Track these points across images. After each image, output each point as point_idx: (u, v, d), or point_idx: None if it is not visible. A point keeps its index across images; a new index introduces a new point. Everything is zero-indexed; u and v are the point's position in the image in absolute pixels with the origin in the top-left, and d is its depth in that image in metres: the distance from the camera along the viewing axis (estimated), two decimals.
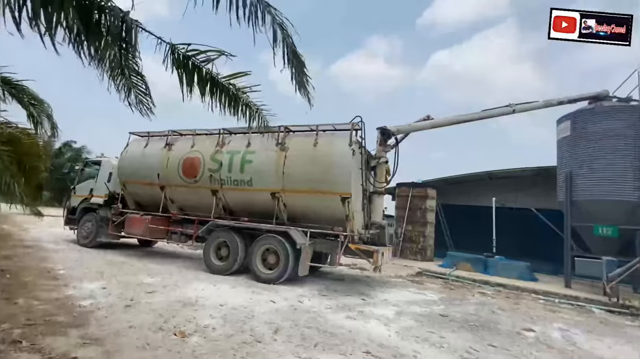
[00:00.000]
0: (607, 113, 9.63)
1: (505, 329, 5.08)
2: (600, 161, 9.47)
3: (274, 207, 7.37)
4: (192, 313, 4.50)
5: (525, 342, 4.54)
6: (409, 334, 4.40)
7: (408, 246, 13.82)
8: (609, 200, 9.25)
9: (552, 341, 4.72)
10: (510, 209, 13.51)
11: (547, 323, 5.74)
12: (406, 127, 8.00)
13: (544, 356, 4.08)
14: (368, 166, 7.84)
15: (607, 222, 9.41)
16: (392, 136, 7.74)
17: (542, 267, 11.84)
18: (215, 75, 4.39)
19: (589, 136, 9.75)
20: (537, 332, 5.06)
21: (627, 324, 6.37)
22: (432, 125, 8.43)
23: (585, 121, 9.94)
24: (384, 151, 7.92)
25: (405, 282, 8.58)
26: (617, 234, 9.31)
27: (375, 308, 5.60)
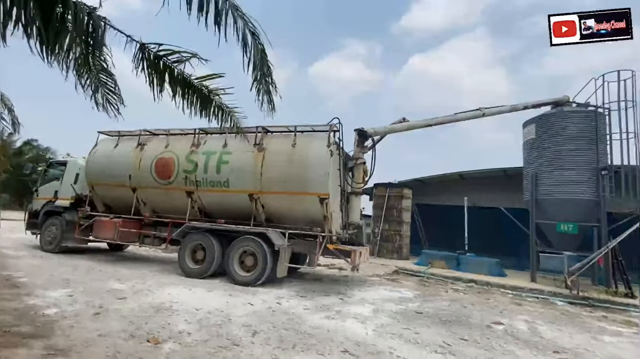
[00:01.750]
0: (567, 117, 10.28)
1: (475, 323, 5.31)
2: (561, 162, 10.09)
3: (251, 208, 7.29)
4: (166, 318, 4.37)
5: (494, 334, 4.77)
6: (385, 331, 4.50)
7: (385, 245, 14.09)
8: (570, 199, 9.88)
9: (518, 332, 4.98)
10: (481, 209, 14.09)
11: (514, 315, 6.05)
12: (383, 129, 8.17)
13: (511, 347, 4.29)
14: (346, 167, 7.92)
15: (568, 220, 10.04)
16: (369, 137, 7.87)
17: (510, 263, 12.45)
18: (188, 77, 4.32)
19: (552, 139, 10.37)
20: (505, 325, 5.32)
21: (586, 315, 6.82)
22: (408, 127, 8.65)
23: (548, 125, 10.56)
24: (362, 152, 8.04)
25: (382, 281, 8.74)
26: (577, 231, 9.95)
27: (353, 307, 5.68)
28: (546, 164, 10.38)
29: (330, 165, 6.77)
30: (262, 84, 4.47)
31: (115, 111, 4.27)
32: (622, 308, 7.59)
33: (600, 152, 9.89)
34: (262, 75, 4.48)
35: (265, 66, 4.50)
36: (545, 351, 4.26)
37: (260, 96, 4.59)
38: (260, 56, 4.35)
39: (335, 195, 6.95)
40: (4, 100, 5.95)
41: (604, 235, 9.45)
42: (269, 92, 4.63)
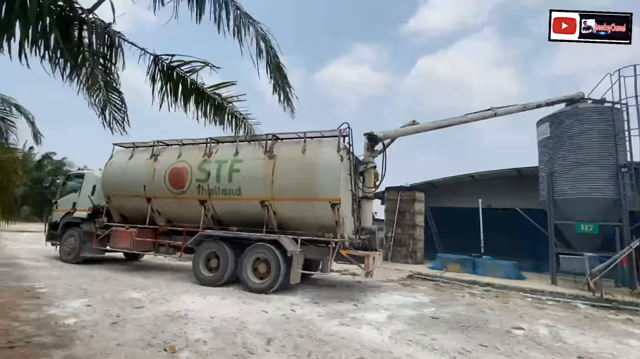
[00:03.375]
0: (583, 114, 10.02)
1: (495, 328, 5.17)
2: (578, 160, 9.82)
3: (263, 215, 7.33)
4: (182, 327, 4.40)
5: (514, 340, 4.63)
6: (402, 337, 4.42)
7: (398, 249, 13.93)
8: (588, 198, 9.59)
9: (540, 337, 4.82)
10: (496, 210, 13.82)
11: (534, 320, 5.87)
12: (392, 133, 8.13)
13: (532, 353, 4.16)
14: (356, 172, 7.90)
15: (587, 220, 9.73)
16: (379, 141, 7.84)
17: (528, 266, 12.15)
18: (201, 86, 4.40)
19: (567, 137, 10.12)
20: (526, 329, 5.16)
21: (611, 318, 6.56)
22: (417, 130, 8.59)
23: (563, 123, 10.33)
24: (372, 156, 8.01)
25: (397, 285, 8.62)
26: (598, 231, 9.64)
27: (368, 313, 5.61)
28: (562, 163, 10.12)
29: (341, 170, 6.76)
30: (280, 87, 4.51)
31: (121, 128, 4.37)
32: None
33: (619, 149, 9.60)
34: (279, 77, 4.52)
35: (280, 70, 4.56)
36: (569, 356, 4.11)
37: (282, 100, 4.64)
38: (275, 61, 4.42)
39: (346, 200, 6.93)
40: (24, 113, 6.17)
41: (627, 234, 9.13)
42: (287, 93, 4.66)
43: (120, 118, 4.65)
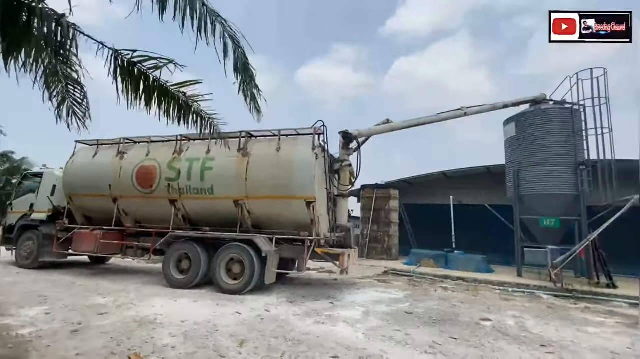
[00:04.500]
0: (545, 115, 10.57)
1: (465, 321, 5.34)
2: (541, 159, 10.35)
3: (237, 215, 7.17)
4: (150, 332, 4.21)
5: (483, 332, 4.80)
6: (376, 334, 4.46)
7: (374, 246, 14.12)
8: (551, 194, 10.13)
9: (507, 328, 5.03)
10: (467, 206, 14.32)
11: (502, 311, 6.12)
12: (367, 131, 8.19)
13: (500, 343, 4.32)
14: (332, 170, 7.90)
15: (550, 215, 10.29)
16: (354, 139, 7.87)
17: (497, 259, 12.64)
18: (164, 84, 4.21)
19: (531, 136, 10.64)
20: (494, 321, 5.38)
21: (571, 308, 6.97)
22: (392, 128, 8.71)
23: (527, 123, 10.84)
24: (347, 154, 8.04)
25: (372, 282, 8.73)
26: (559, 225, 10.21)
27: (343, 311, 5.62)
28: (527, 161, 10.63)
29: (316, 168, 6.73)
30: (247, 88, 4.41)
31: (81, 123, 4.10)
32: (605, 299, 7.81)
33: (577, 148, 10.20)
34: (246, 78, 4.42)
35: (248, 70, 4.45)
36: (533, 345, 4.31)
37: (248, 101, 4.54)
38: (243, 60, 4.31)
39: (321, 198, 6.91)
40: None
41: (585, 228, 9.73)
42: (254, 95, 4.57)
43: (81, 113, 4.37)
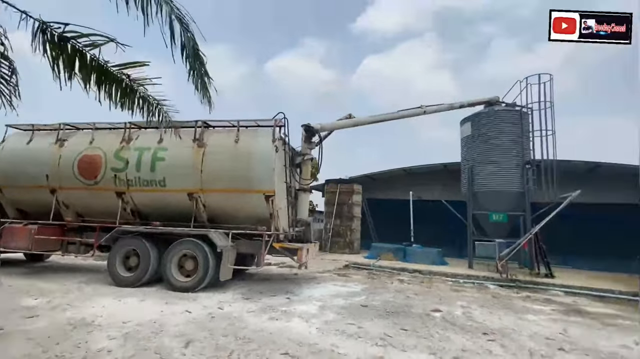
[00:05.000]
0: (497, 116, 11.21)
1: (417, 312, 5.51)
2: (493, 157, 10.98)
3: (191, 208, 6.82)
4: (85, 336, 3.85)
5: (433, 322, 4.97)
6: (330, 328, 4.45)
7: (337, 240, 14.24)
8: (500, 191, 10.80)
9: (455, 318, 5.26)
10: (425, 202, 14.88)
11: (452, 302, 6.41)
12: (329, 125, 8.14)
13: (448, 333, 4.49)
14: (293, 163, 7.77)
15: (500, 210, 10.98)
16: (316, 133, 7.80)
17: (452, 252, 13.31)
18: (104, 63, 3.84)
19: (484, 136, 11.24)
20: (444, 312, 5.60)
21: (514, 296, 7.48)
22: (355, 123, 8.74)
23: (481, 123, 11.43)
24: (309, 148, 7.94)
25: (332, 276, 8.77)
26: (507, 220, 10.93)
27: (300, 306, 5.56)
28: (480, 159, 11.22)
29: (276, 161, 6.56)
30: (196, 75, 4.15)
31: (7, 102, 3.63)
32: (543, 288, 8.48)
33: (525, 148, 10.95)
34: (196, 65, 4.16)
35: (198, 57, 4.18)
36: (477, 333, 4.53)
37: (199, 88, 4.27)
38: (192, 46, 4.03)
39: (281, 192, 6.76)
40: None
41: (528, 222, 10.49)
42: (204, 84, 4.31)
43: (8, 91, 3.85)
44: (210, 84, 4.17)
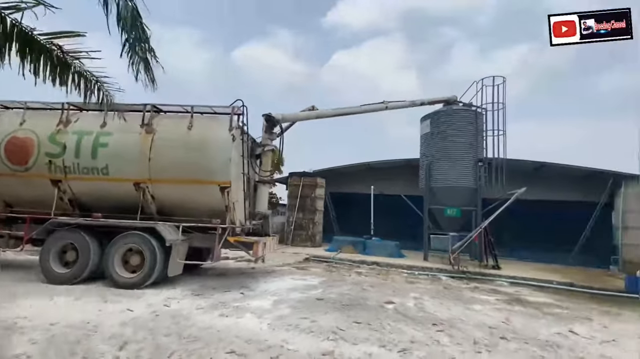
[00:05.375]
0: (455, 115, 11.66)
1: (371, 304, 5.56)
2: (449, 154, 11.43)
3: (138, 199, 6.33)
4: (2, 341, 3.40)
5: (385, 314, 5.04)
6: (282, 323, 4.33)
7: (299, 233, 14.16)
8: (455, 186, 11.29)
9: (407, 310, 5.39)
10: (387, 196, 15.24)
11: (406, 293, 6.58)
12: (291, 116, 7.94)
13: (399, 325, 4.57)
14: (253, 154, 7.50)
15: (454, 205, 11.49)
16: (278, 123, 7.57)
17: (410, 245, 13.73)
18: (30, 31, 3.35)
19: (442, 133, 11.66)
20: (397, 303, 5.72)
21: (464, 287, 7.86)
22: (317, 115, 8.61)
23: (440, 121, 11.83)
24: (270, 138, 7.70)
25: (291, 269, 8.67)
26: (460, 214, 11.48)
27: (253, 301, 5.39)
28: (437, 156, 11.64)
29: (233, 151, 6.26)
30: (134, 50, 3.75)
31: None
32: (490, 279, 9.03)
33: (478, 146, 11.51)
34: (135, 39, 3.76)
35: (140, 29, 3.78)
36: (427, 324, 4.66)
37: (135, 66, 3.87)
38: (130, 15, 3.63)
39: (238, 183, 6.48)
40: None
41: (479, 217, 11.09)
42: (147, 61, 3.93)
43: None
44: (155, 61, 3.80)
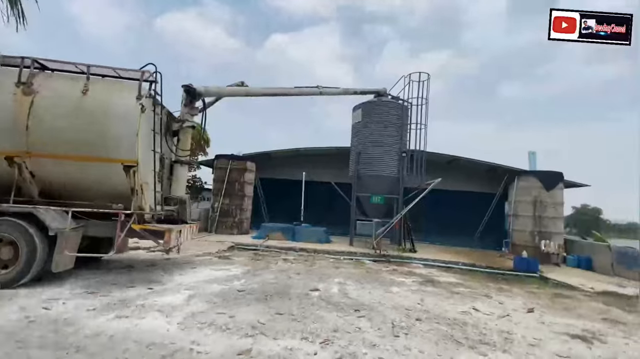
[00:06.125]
0: (383, 107, 12.10)
1: (296, 293, 5.40)
2: (377, 144, 11.86)
3: (12, 178, 5.04)
4: None
5: (309, 302, 4.92)
6: (195, 321, 3.86)
7: (225, 220, 13.36)
8: (381, 175, 11.81)
9: (331, 296, 5.36)
10: (318, 183, 15.30)
11: (331, 279, 6.60)
12: (216, 90, 7.19)
13: (322, 312, 4.48)
14: (169, 130, 6.61)
15: (380, 193, 12.04)
16: (200, 97, 6.76)
17: (338, 231, 14.07)
18: None
19: (371, 124, 12.02)
20: (321, 290, 5.66)
21: (384, 270, 8.26)
22: (247, 93, 7.97)
23: (370, 111, 12.16)
24: (191, 114, 6.87)
25: (213, 259, 8.04)
26: (384, 202, 12.09)
27: (163, 297, 4.75)
28: (366, 145, 11.99)
29: (142, 123, 5.33)
30: None
31: None
32: (407, 261, 9.71)
33: (403, 138, 12.17)
34: None
35: None
36: (349, 310, 4.66)
37: None
38: None
39: (148, 162, 5.59)
40: None
41: (400, 205, 11.83)
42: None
43: None
44: None
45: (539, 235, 11.45)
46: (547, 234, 11.37)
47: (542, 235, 11.39)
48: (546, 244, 11.10)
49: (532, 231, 11.64)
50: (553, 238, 11.29)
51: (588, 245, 12.12)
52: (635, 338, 4.53)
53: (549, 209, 11.63)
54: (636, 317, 5.64)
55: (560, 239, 11.56)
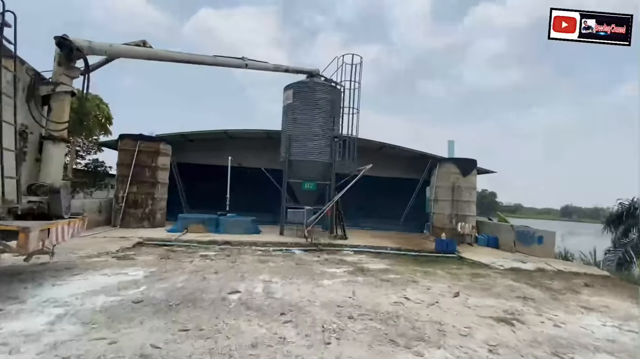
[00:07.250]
0: (316, 88, 11.48)
1: (211, 298, 4.52)
2: (309, 128, 11.25)
3: None
4: None
5: (226, 309, 4.11)
6: (52, 355, 2.75)
7: (132, 211, 11.43)
8: (313, 161, 11.27)
9: (253, 298, 4.62)
10: (246, 169, 14.14)
11: (255, 276, 5.83)
12: (106, 47, 5.63)
13: (240, 322, 3.73)
14: (34, 95, 4.96)
15: (312, 179, 11.52)
16: (80, 54, 5.20)
17: (268, 219, 13.24)
18: None
19: (303, 106, 11.33)
20: (242, 292, 4.87)
21: (315, 261, 7.77)
22: (149, 55, 6.49)
23: (302, 92, 11.43)
24: (69, 75, 5.28)
25: (109, 261, 6.54)
26: (316, 188, 11.63)
27: (15, 321, 3.44)
28: (298, 129, 11.29)
29: None
30: None
31: None
32: (339, 249, 9.43)
33: (335, 123, 11.77)
34: None
35: None
36: (274, 315, 3.99)
37: None
38: None
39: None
40: None
41: (332, 191, 11.51)
42: None
43: None
44: None
45: (455, 218, 12.30)
46: (462, 217, 12.28)
47: (459, 218, 12.26)
48: (462, 227, 11.97)
49: (450, 214, 12.45)
50: (467, 220, 12.24)
51: (495, 225, 13.50)
52: (547, 314, 4.80)
53: (465, 193, 12.55)
54: (540, 292, 6.14)
55: (474, 221, 12.61)
